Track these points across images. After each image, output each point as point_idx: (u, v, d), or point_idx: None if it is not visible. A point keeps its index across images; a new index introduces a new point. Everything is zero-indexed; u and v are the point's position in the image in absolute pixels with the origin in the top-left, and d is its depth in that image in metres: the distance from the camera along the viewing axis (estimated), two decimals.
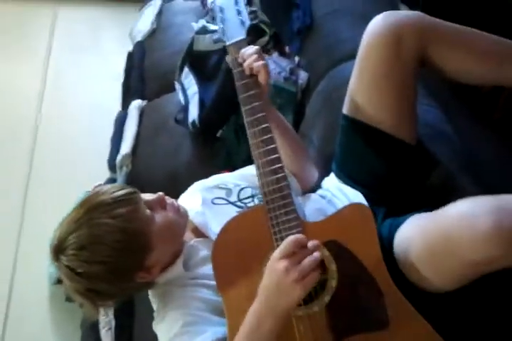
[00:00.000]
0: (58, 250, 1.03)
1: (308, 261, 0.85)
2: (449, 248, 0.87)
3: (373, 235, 0.96)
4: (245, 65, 1.10)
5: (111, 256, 1.01)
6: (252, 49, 1.11)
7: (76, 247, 1.00)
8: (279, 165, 1.04)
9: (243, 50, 1.12)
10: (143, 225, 1.03)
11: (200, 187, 1.25)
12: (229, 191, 1.20)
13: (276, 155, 1.05)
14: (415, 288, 0.96)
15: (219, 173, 1.39)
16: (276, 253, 0.88)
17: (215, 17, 1.26)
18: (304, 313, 0.93)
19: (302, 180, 1.26)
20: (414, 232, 0.98)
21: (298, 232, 0.94)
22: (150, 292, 1.14)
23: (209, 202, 1.18)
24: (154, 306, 1.12)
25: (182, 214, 1.12)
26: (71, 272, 1.01)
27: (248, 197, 1.17)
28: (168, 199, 1.11)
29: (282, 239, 0.93)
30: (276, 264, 0.86)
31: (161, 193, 1.11)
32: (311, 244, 0.88)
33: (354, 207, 1.03)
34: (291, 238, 0.88)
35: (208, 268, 1.04)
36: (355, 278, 0.94)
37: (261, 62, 1.08)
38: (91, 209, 1.02)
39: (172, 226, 1.09)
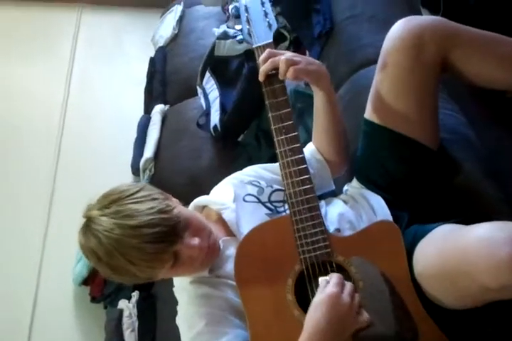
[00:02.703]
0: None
1: (357, 300, 0.92)
2: (464, 270, 0.86)
3: (402, 255, 0.96)
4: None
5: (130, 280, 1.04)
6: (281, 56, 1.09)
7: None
8: (307, 176, 1.02)
9: (276, 58, 1.09)
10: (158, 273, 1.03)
11: (234, 181, 1.24)
12: (261, 190, 1.19)
13: (304, 166, 1.03)
14: (427, 299, 0.96)
15: None
16: (335, 290, 0.90)
17: (240, 16, 1.22)
18: None
19: (335, 166, 1.25)
20: (434, 249, 0.97)
21: (325, 246, 0.96)
22: (175, 285, 1.15)
23: (240, 198, 1.17)
24: (178, 298, 1.12)
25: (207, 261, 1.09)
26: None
27: (279, 202, 1.17)
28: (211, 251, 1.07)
29: (309, 252, 0.96)
30: (340, 300, 0.89)
31: (204, 246, 1.05)
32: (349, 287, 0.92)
33: (382, 224, 1.03)
34: (337, 276, 0.93)
35: (232, 267, 1.04)
36: (382, 297, 0.93)
37: (297, 68, 1.06)
38: (126, 252, 0.97)
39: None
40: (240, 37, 1.22)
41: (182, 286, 1.12)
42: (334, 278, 0.92)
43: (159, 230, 0.97)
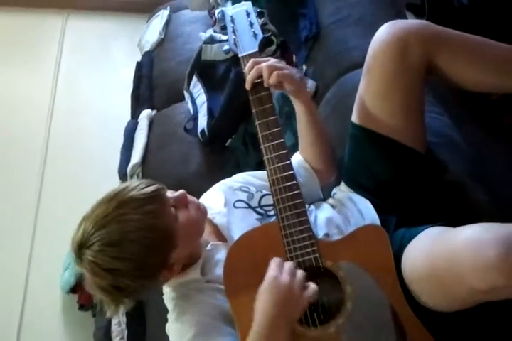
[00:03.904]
0: (83, 244, 1.00)
1: (299, 276, 0.92)
2: (452, 272, 0.87)
3: (389, 259, 0.96)
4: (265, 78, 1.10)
5: (139, 253, 0.99)
6: (266, 62, 1.11)
7: (104, 243, 0.98)
8: (294, 181, 1.03)
9: (261, 65, 1.11)
10: (170, 222, 1.03)
11: (224, 187, 1.25)
12: (251, 195, 1.20)
13: (291, 172, 1.04)
14: (417, 303, 0.96)
15: None
16: (273, 273, 0.91)
17: (226, 27, 1.26)
18: (319, 334, 0.92)
19: (323, 175, 1.27)
20: (422, 252, 0.97)
21: (313, 251, 0.96)
22: (164, 292, 1.14)
23: (231, 204, 1.18)
24: (168, 306, 1.11)
25: (202, 211, 1.11)
26: (97, 268, 0.99)
27: (269, 205, 1.17)
28: (190, 197, 1.11)
29: (297, 257, 0.96)
30: (278, 281, 0.90)
31: (182, 191, 1.10)
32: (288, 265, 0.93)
33: (370, 228, 1.03)
34: (275, 259, 0.94)
35: (222, 272, 1.04)
36: (371, 301, 0.92)
37: (280, 73, 1.09)
38: (121, 205, 1.00)
39: (193, 224, 1.08)
40: (226, 47, 1.24)
41: (172, 294, 1.11)
42: (272, 262, 0.92)
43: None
